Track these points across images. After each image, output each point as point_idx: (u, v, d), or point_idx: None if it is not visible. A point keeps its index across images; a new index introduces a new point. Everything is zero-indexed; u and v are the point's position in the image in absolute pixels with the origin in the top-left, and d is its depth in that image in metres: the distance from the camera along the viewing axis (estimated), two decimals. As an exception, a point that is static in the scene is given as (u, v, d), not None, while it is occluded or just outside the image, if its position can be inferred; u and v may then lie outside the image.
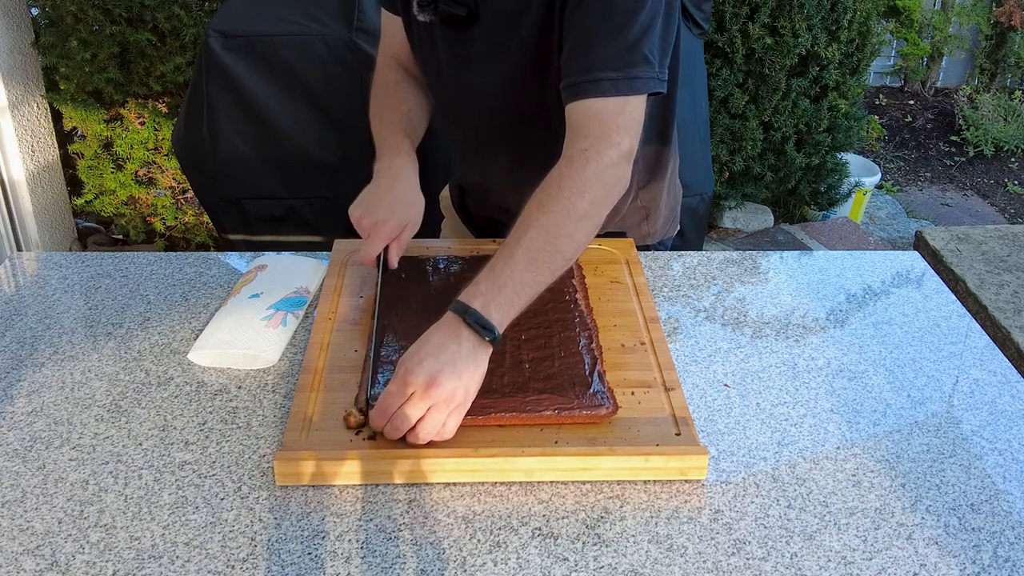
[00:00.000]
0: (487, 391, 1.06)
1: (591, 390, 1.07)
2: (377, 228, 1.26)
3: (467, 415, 1.02)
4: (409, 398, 0.98)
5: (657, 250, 1.52)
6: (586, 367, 1.11)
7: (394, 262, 1.28)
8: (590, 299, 1.28)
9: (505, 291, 1.03)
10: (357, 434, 1.02)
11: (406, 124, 1.38)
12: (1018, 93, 4.68)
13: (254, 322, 1.22)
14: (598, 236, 1.43)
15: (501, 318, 1.02)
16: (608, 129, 1.12)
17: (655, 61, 1.15)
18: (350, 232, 1.32)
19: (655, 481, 1.01)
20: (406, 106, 1.40)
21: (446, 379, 0.98)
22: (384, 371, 1.10)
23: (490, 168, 1.43)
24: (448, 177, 1.63)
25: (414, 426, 0.98)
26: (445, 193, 1.65)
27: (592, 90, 1.12)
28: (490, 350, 1.03)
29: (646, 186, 1.44)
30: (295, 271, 1.35)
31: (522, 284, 1.04)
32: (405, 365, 0.99)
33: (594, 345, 1.17)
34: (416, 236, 1.31)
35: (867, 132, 4.41)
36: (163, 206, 3.10)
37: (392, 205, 1.28)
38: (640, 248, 1.45)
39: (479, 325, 1.01)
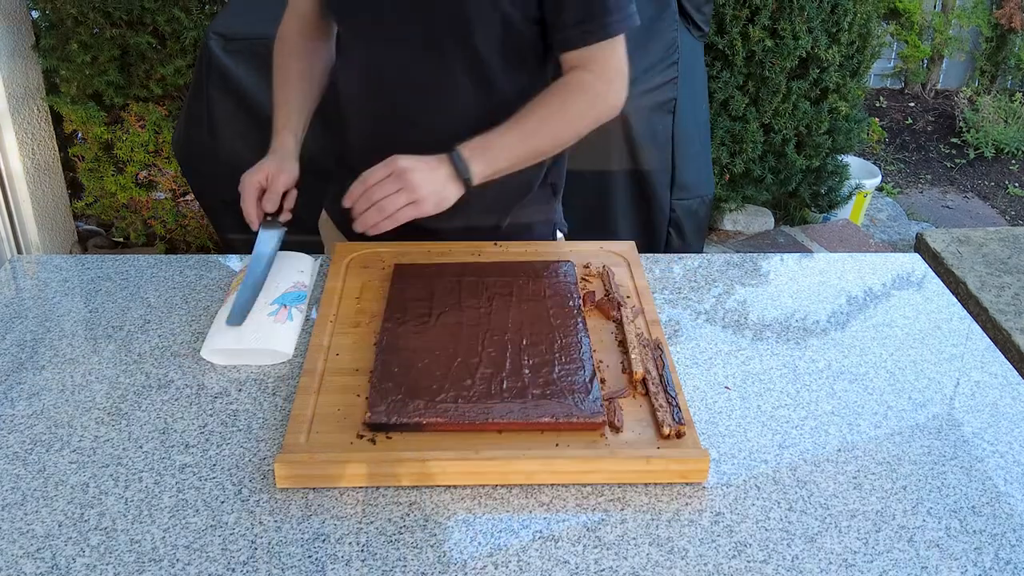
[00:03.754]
0: (487, 395, 1.06)
1: (590, 397, 1.07)
2: (245, 186, 1.33)
3: (466, 418, 1.03)
4: (387, 178, 1.19)
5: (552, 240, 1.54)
6: (586, 374, 1.11)
7: (267, 206, 1.33)
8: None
9: (490, 152, 1.24)
10: (359, 436, 1.02)
11: (299, 93, 1.47)
12: (1018, 95, 4.68)
13: (262, 318, 1.23)
14: (598, 238, 1.44)
15: (478, 169, 1.23)
16: (608, 67, 1.28)
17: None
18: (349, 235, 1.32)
19: (656, 484, 1.00)
20: (301, 64, 1.48)
21: (420, 173, 1.19)
22: (383, 374, 1.10)
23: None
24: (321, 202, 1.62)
25: (373, 206, 1.18)
26: (324, 217, 1.61)
27: (601, 34, 1.25)
28: (460, 187, 1.22)
29: (554, 164, 1.46)
30: (287, 267, 1.35)
31: (505, 153, 1.25)
32: (393, 157, 1.20)
33: (595, 352, 1.17)
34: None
35: (867, 134, 4.41)
36: (163, 209, 3.10)
37: (260, 166, 1.36)
38: (539, 240, 1.48)
39: (459, 162, 1.22)
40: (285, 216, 1.36)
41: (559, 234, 1.55)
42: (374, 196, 1.19)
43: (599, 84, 1.28)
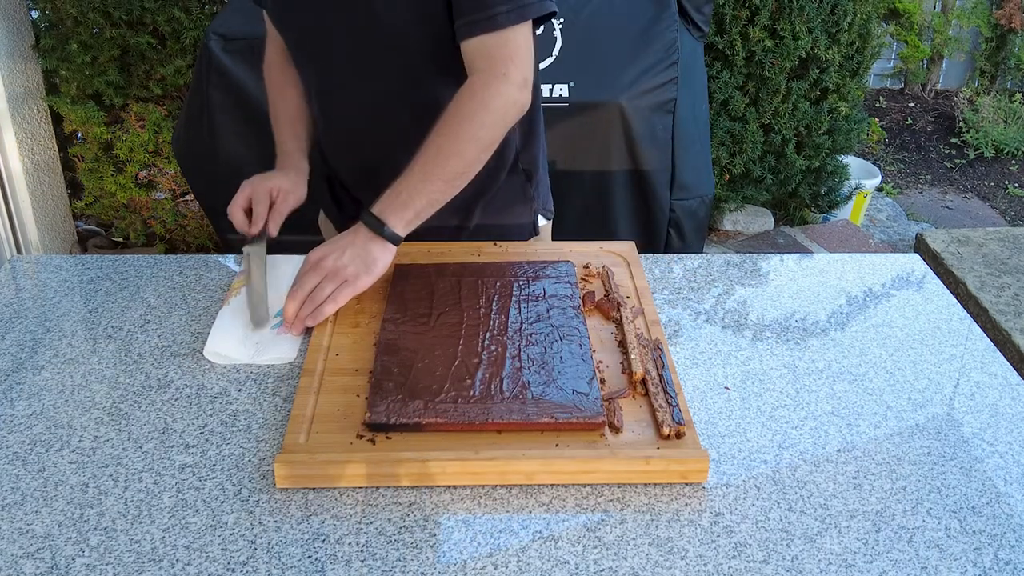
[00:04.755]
0: (487, 395, 1.06)
1: (590, 397, 1.07)
2: (255, 191, 1.37)
3: (466, 418, 1.03)
4: (306, 274, 1.21)
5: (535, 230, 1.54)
6: (586, 374, 1.11)
7: (271, 230, 1.37)
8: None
9: (400, 197, 1.22)
10: (359, 436, 1.02)
11: (295, 116, 1.48)
12: (1018, 95, 4.68)
13: (266, 331, 1.24)
14: (598, 238, 1.44)
15: (396, 219, 1.22)
16: (494, 61, 1.23)
17: None
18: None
19: (656, 484, 1.00)
20: (295, 89, 1.47)
21: (333, 257, 1.21)
22: (382, 374, 1.10)
23: (374, 149, 1.44)
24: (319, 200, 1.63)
25: (304, 303, 1.20)
26: (323, 216, 1.64)
27: (486, 26, 1.21)
28: (385, 243, 1.22)
29: (524, 148, 1.46)
30: (290, 273, 1.35)
31: (416, 192, 1.22)
32: (308, 255, 1.23)
33: (594, 352, 1.17)
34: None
35: (867, 134, 4.42)
36: (163, 209, 3.10)
37: (271, 176, 1.40)
38: (518, 231, 1.49)
39: (373, 222, 1.22)
40: (275, 228, 1.38)
41: (541, 220, 1.54)
42: (300, 295, 1.21)
43: (490, 84, 1.22)
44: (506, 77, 1.23)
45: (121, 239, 3.27)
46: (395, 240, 1.23)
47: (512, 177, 1.46)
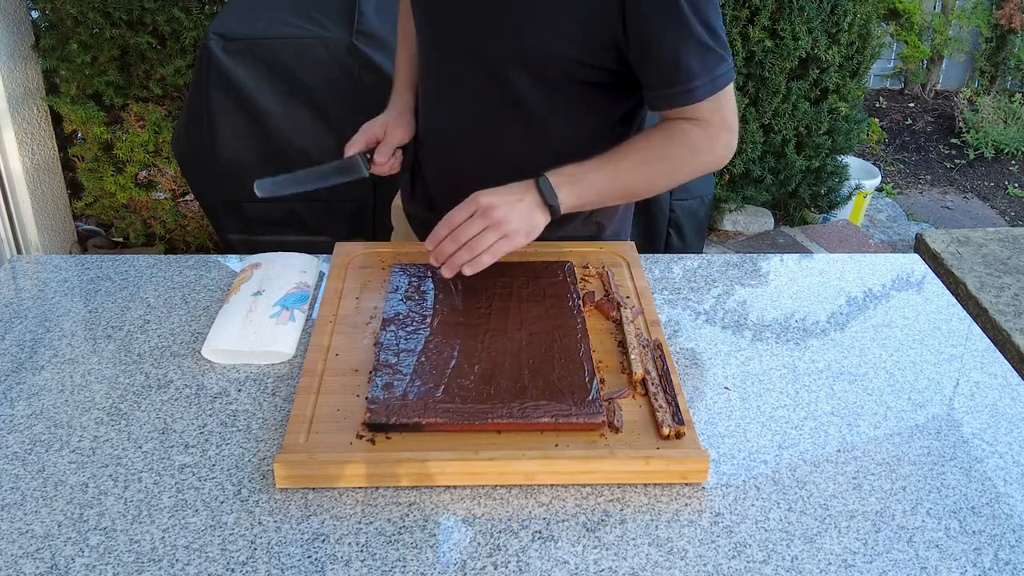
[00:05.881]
0: (486, 396, 1.06)
1: (590, 397, 1.07)
2: (360, 133, 1.37)
3: (466, 418, 1.03)
4: (471, 216, 1.15)
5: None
6: (585, 374, 1.11)
7: (378, 158, 1.37)
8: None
9: (581, 183, 1.20)
10: (359, 436, 1.02)
11: (411, 64, 1.46)
12: (1018, 96, 4.68)
13: (264, 320, 1.23)
14: (597, 239, 1.44)
15: (568, 196, 1.19)
16: (709, 123, 1.23)
17: (726, 51, 1.21)
18: (351, 234, 1.32)
19: (655, 484, 1.00)
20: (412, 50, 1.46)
21: (505, 208, 1.15)
22: (382, 374, 1.10)
23: (460, 153, 1.41)
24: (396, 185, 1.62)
25: (463, 247, 1.15)
26: (397, 202, 1.63)
27: (685, 100, 1.20)
28: (547, 215, 1.19)
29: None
30: (291, 267, 1.36)
31: (595, 188, 1.22)
32: (475, 195, 1.16)
33: (594, 352, 1.17)
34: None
35: (867, 135, 4.41)
36: (163, 209, 3.10)
37: (380, 119, 1.40)
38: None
39: (546, 189, 1.18)
40: (387, 168, 1.38)
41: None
42: (461, 237, 1.15)
43: (703, 137, 1.23)
44: (721, 136, 1.24)
45: (121, 239, 3.27)
46: (555, 214, 1.20)
47: (585, 226, 1.44)
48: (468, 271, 1.16)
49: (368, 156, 1.37)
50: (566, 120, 1.29)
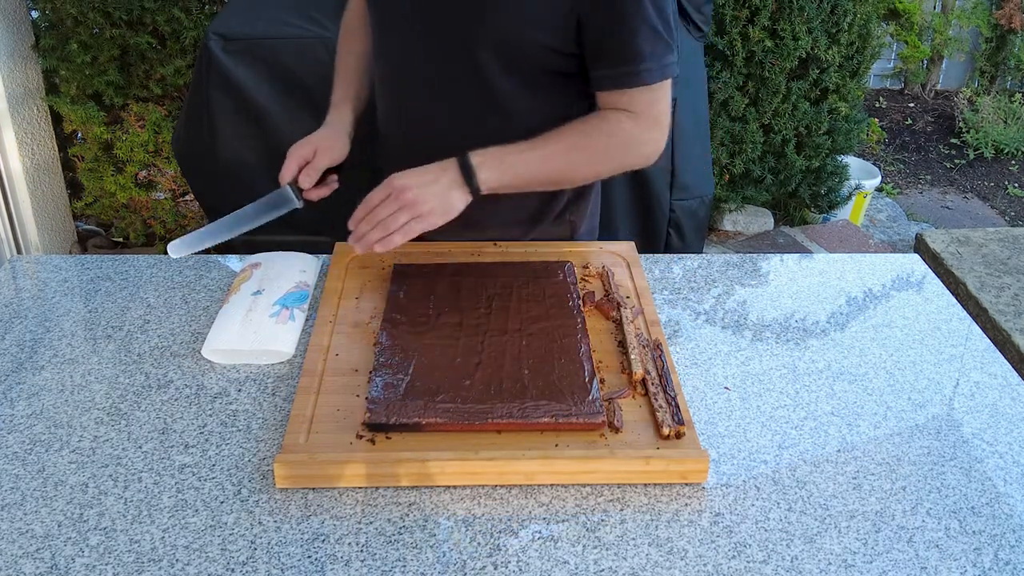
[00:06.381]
0: (486, 395, 1.06)
1: (590, 397, 1.07)
2: (288, 156, 1.33)
3: (466, 418, 1.03)
4: (385, 199, 1.17)
5: None
6: (585, 374, 1.11)
7: (303, 183, 1.32)
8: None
9: (504, 162, 1.21)
10: (359, 436, 1.02)
11: (356, 71, 1.44)
12: (1018, 96, 4.68)
13: (264, 320, 1.23)
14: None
15: (487, 178, 1.19)
16: (643, 115, 1.24)
17: (674, 45, 1.22)
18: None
19: (655, 484, 1.00)
20: (361, 46, 1.44)
21: (417, 189, 1.17)
22: (382, 374, 1.10)
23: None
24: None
25: (376, 227, 1.17)
26: None
27: (631, 81, 1.21)
28: (467, 193, 1.19)
29: (576, 200, 1.44)
30: (290, 266, 1.36)
31: (517, 169, 1.22)
32: (391, 177, 1.18)
33: (594, 352, 1.17)
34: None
35: (867, 135, 4.41)
36: (163, 209, 3.10)
37: (310, 139, 1.35)
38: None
39: (465, 168, 1.19)
40: (319, 193, 1.34)
41: None
42: (375, 218, 1.18)
43: (635, 129, 1.24)
44: (652, 131, 1.25)
45: (121, 239, 3.26)
46: (476, 194, 1.20)
47: (557, 226, 1.45)
48: (379, 248, 1.18)
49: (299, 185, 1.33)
50: (532, 111, 1.28)
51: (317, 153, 1.32)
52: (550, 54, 1.23)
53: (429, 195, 1.17)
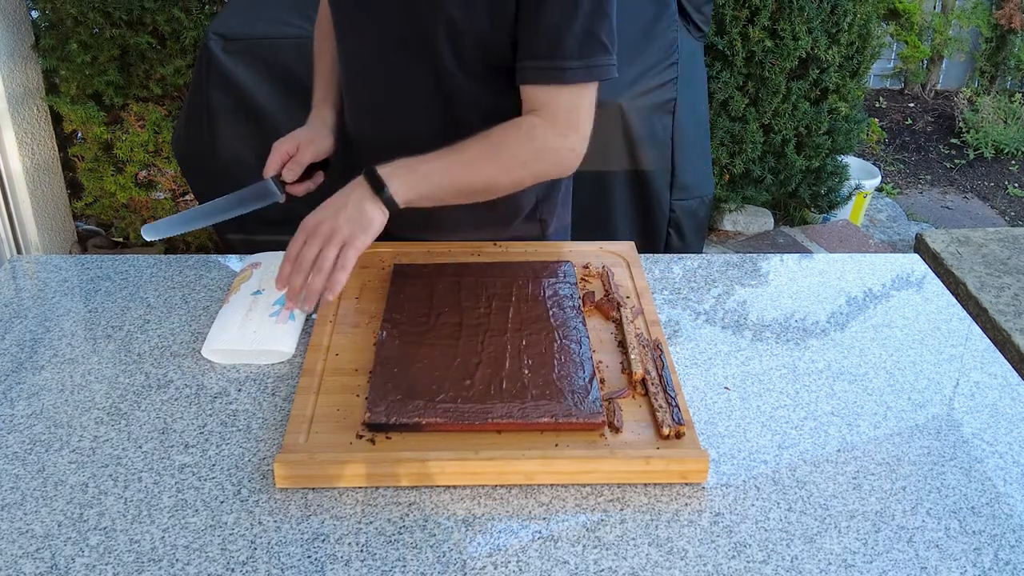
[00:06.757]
0: (486, 395, 1.06)
1: (590, 397, 1.07)
2: (272, 152, 1.34)
3: (466, 418, 1.03)
4: (304, 244, 1.14)
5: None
6: (585, 374, 1.11)
7: (286, 176, 1.33)
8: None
9: (415, 173, 1.18)
10: (359, 436, 1.02)
11: (332, 72, 1.43)
12: (1018, 96, 4.68)
13: (264, 319, 1.23)
14: (598, 238, 1.44)
15: (401, 186, 1.16)
16: (559, 118, 1.20)
17: (612, 47, 1.19)
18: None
19: (655, 484, 1.00)
20: (333, 49, 1.43)
21: (329, 220, 1.14)
22: (382, 374, 1.10)
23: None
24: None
25: (311, 274, 1.13)
26: None
27: (553, 77, 1.18)
28: (381, 206, 1.16)
29: (546, 198, 1.44)
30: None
31: (430, 180, 1.19)
32: (302, 221, 1.16)
33: (594, 352, 1.17)
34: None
35: (867, 135, 4.41)
36: (163, 209, 3.10)
37: (293, 134, 1.36)
38: None
39: (374, 181, 1.16)
40: (304, 188, 1.34)
41: None
42: (304, 265, 1.13)
43: (549, 135, 1.21)
44: (568, 138, 1.22)
45: (121, 239, 3.27)
46: (391, 205, 1.16)
47: (528, 224, 1.44)
48: (330, 296, 1.13)
49: (282, 179, 1.33)
50: (494, 107, 1.26)
51: (300, 148, 1.33)
52: (502, 50, 1.21)
53: (343, 220, 1.14)
